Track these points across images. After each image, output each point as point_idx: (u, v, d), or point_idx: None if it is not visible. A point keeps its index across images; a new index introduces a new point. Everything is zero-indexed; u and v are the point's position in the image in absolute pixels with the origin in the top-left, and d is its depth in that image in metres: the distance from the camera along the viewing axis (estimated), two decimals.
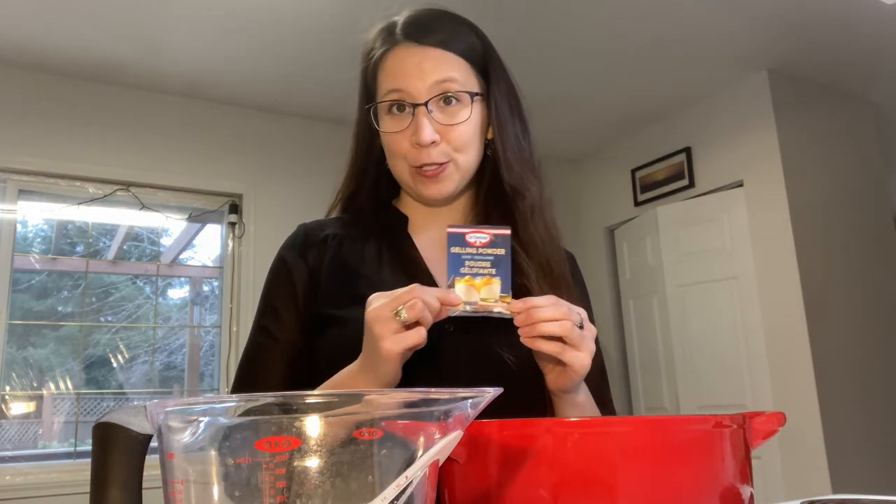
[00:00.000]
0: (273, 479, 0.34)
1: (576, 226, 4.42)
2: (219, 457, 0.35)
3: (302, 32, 2.88)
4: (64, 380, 3.18)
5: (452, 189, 0.90)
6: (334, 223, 0.97)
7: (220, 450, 0.35)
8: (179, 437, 0.35)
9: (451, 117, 0.87)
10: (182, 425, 0.35)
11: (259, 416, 0.35)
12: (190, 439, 0.35)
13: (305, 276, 0.91)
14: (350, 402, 0.36)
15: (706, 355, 3.50)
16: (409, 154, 0.88)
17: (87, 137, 3.18)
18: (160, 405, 0.36)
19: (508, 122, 0.94)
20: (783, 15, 2.90)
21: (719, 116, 3.61)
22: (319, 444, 0.34)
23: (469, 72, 0.90)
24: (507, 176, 0.92)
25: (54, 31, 2.81)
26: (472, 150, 0.90)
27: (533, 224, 0.92)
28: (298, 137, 3.61)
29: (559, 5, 2.77)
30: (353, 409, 0.36)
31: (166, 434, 0.36)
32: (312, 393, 0.35)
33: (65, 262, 3.37)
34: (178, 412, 0.36)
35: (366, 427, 0.36)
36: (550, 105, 3.63)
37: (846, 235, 3.44)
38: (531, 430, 0.50)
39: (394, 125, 0.88)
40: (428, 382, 0.75)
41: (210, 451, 0.35)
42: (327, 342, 0.86)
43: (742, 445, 0.51)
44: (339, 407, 0.35)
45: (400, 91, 0.87)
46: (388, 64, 0.89)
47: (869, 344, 3.35)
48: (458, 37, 0.90)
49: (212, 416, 0.36)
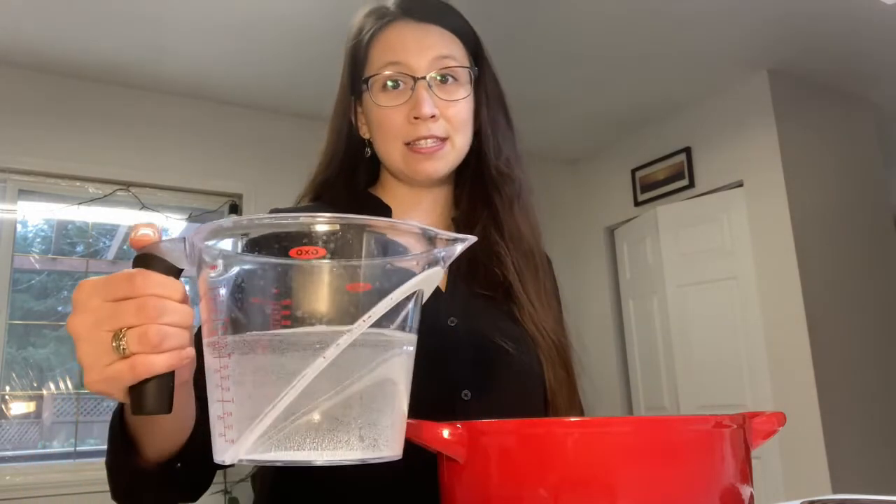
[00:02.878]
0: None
1: (576, 226, 4.42)
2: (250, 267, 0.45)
3: (302, 32, 2.88)
4: (64, 380, 3.18)
5: (445, 170, 0.88)
6: (311, 210, 0.92)
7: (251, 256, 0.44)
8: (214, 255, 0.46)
9: (451, 94, 0.86)
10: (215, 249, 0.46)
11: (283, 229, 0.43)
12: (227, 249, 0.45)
13: None
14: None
15: (706, 355, 3.50)
16: (403, 130, 0.85)
17: (87, 137, 3.18)
18: (199, 231, 0.45)
19: (497, 109, 0.94)
20: (783, 15, 2.90)
21: (719, 116, 3.61)
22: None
23: (464, 52, 0.90)
24: (494, 159, 0.91)
25: (55, 32, 2.81)
26: (467, 133, 0.89)
27: (518, 210, 0.92)
28: (298, 137, 3.60)
29: (559, 5, 2.77)
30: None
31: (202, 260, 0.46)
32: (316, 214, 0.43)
33: (65, 262, 3.37)
34: (211, 234, 0.46)
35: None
36: (550, 105, 3.63)
37: (846, 235, 3.44)
38: (531, 430, 0.50)
39: (389, 100, 0.86)
40: (433, 380, 0.75)
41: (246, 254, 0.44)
42: None
43: (742, 445, 0.51)
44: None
45: (398, 64, 0.85)
46: (386, 38, 0.88)
47: (869, 344, 3.35)
48: (454, 18, 0.90)
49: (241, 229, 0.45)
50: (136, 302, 0.43)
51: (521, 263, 0.89)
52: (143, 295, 0.43)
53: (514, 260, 0.89)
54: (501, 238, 0.89)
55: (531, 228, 0.93)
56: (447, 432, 0.51)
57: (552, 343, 0.86)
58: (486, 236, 0.90)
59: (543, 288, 0.91)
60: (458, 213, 0.95)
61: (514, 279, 0.87)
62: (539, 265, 0.92)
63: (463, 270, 0.88)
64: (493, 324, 0.85)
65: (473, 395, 0.80)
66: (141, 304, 0.43)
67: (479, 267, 0.88)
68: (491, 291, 0.87)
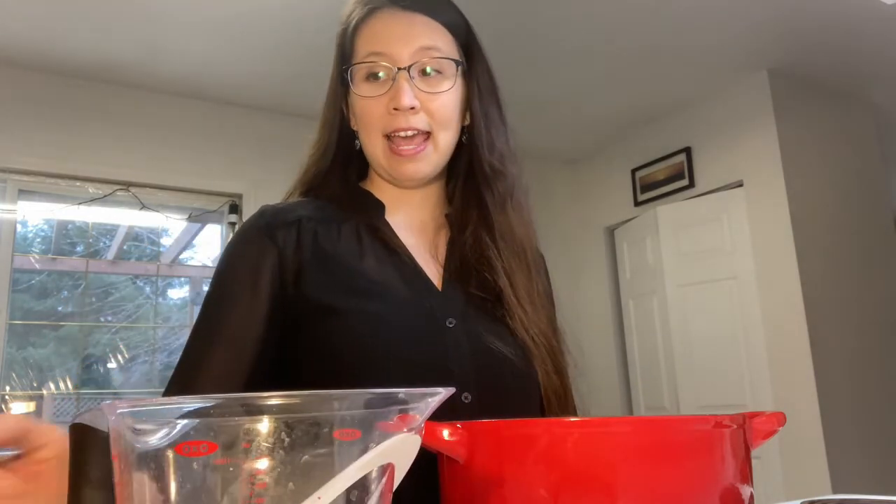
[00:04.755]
0: (221, 479, 0.32)
1: (576, 226, 4.42)
2: (168, 458, 0.33)
3: (302, 32, 2.88)
4: (64, 380, 3.18)
5: (429, 171, 0.86)
6: (303, 206, 0.89)
7: (167, 451, 0.33)
8: (133, 438, 0.33)
9: (434, 86, 0.84)
10: (139, 427, 0.33)
11: (212, 418, 0.32)
12: (142, 440, 0.33)
13: (275, 259, 0.81)
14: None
15: (706, 355, 3.50)
16: (382, 120, 0.82)
17: (87, 137, 3.18)
18: (113, 406, 0.34)
19: (489, 101, 0.91)
20: (783, 15, 2.90)
21: (719, 116, 3.61)
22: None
23: (453, 45, 0.87)
24: (487, 154, 0.88)
25: (54, 32, 2.81)
26: (451, 129, 0.86)
27: (511, 208, 0.90)
28: (298, 137, 3.59)
29: (559, 5, 2.77)
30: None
31: (115, 435, 0.34)
32: (262, 395, 0.32)
33: (65, 262, 3.37)
34: (129, 414, 0.33)
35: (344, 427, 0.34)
36: (551, 105, 3.63)
37: (846, 235, 3.44)
38: (531, 429, 0.50)
39: (370, 91, 0.83)
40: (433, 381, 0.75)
41: (164, 451, 0.33)
42: (320, 333, 0.80)
43: (742, 445, 0.51)
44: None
45: (380, 54, 0.83)
46: (370, 27, 0.85)
47: (869, 344, 3.35)
48: (444, 8, 0.88)
49: (163, 418, 0.33)
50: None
51: (513, 264, 0.87)
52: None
53: (506, 263, 0.87)
54: (493, 239, 0.88)
55: (524, 227, 0.91)
56: (447, 432, 0.51)
57: (544, 348, 0.85)
58: (478, 238, 0.88)
59: (536, 289, 0.89)
60: (451, 210, 0.93)
61: (505, 284, 0.85)
62: (531, 265, 0.90)
63: (458, 271, 0.87)
64: (489, 325, 0.84)
65: (474, 397, 0.80)
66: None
67: (470, 269, 0.87)
68: (485, 293, 0.86)
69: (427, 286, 0.85)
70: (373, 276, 0.83)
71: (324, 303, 0.80)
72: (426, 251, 0.89)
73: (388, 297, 0.82)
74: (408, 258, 0.86)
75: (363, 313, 0.79)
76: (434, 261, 0.88)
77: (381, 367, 0.77)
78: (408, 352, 0.79)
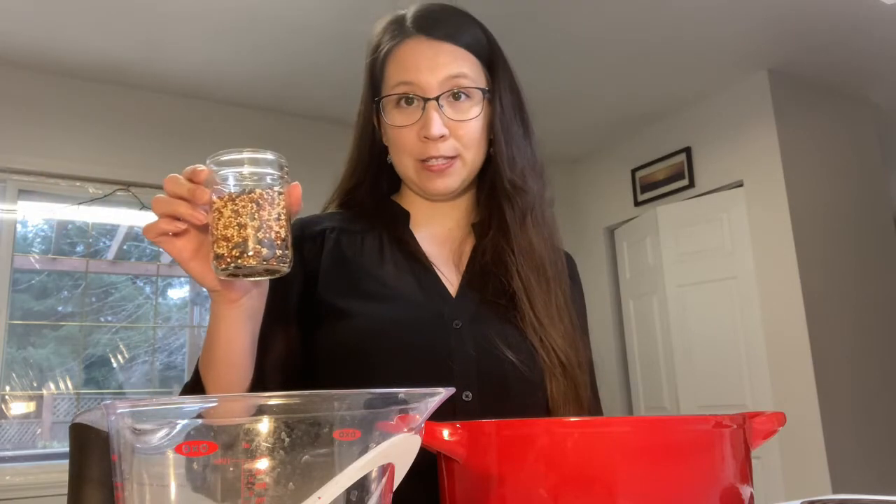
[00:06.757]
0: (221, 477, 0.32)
1: (576, 226, 4.42)
2: (169, 458, 0.33)
3: (302, 32, 2.88)
4: (64, 380, 3.18)
5: (457, 185, 0.90)
6: (332, 217, 0.95)
7: (168, 451, 0.33)
8: (133, 438, 0.34)
9: (462, 113, 0.87)
10: (139, 427, 0.34)
11: (210, 421, 0.32)
12: (142, 440, 0.34)
13: (298, 268, 0.85)
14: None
15: (706, 355, 3.50)
16: (415, 148, 0.87)
17: (87, 137, 3.18)
18: (113, 406, 0.34)
19: (512, 119, 0.93)
20: (783, 15, 2.90)
21: (719, 116, 3.61)
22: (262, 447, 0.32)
23: (478, 68, 0.90)
24: (507, 172, 0.91)
25: (55, 32, 2.81)
26: (479, 148, 0.90)
27: (531, 224, 0.92)
28: (298, 137, 3.61)
29: (559, 5, 2.77)
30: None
31: (115, 435, 0.35)
32: (261, 395, 0.33)
33: (65, 262, 3.37)
34: (129, 414, 0.34)
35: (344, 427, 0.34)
36: (550, 105, 3.62)
37: (846, 235, 3.44)
38: (531, 429, 0.50)
39: (402, 119, 0.87)
40: (435, 379, 0.76)
41: (165, 451, 0.33)
42: (333, 334, 0.84)
43: (742, 445, 0.51)
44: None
45: (410, 84, 0.86)
46: (399, 57, 0.88)
47: (869, 344, 3.35)
48: (467, 31, 0.90)
49: (163, 418, 0.33)
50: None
51: (530, 277, 0.89)
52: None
53: (522, 271, 0.89)
54: (511, 250, 0.90)
55: (545, 241, 0.92)
56: (447, 432, 0.51)
57: (556, 358, 0.86)
58: (496, 246, 0.90)
59: (555, 303, 0.90)
60: (477, 219, 0.96)
61: (519, 288, 0.87)
62: (552, 279, 0.91)
63: (476, 278, 0.89)
64: (498, 329, 0.85)
65: (475, 396, 0.80)
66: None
67: (488, 276, 0.89)
68: (499, 299, 0.88)
69: (441, 292, 0.88)
70: (388, 282, 0.87)
71: (337, 306, 0.84)
72: (448, 259, 0.92)
73: (399, 301, 0.85)
74: (427, 265, 0.89)
75: (371, 315, 0.82)
76: (455, 269, 0.91)
77: (384, 366, 0.80)
78: (412, 350, 0.81)
